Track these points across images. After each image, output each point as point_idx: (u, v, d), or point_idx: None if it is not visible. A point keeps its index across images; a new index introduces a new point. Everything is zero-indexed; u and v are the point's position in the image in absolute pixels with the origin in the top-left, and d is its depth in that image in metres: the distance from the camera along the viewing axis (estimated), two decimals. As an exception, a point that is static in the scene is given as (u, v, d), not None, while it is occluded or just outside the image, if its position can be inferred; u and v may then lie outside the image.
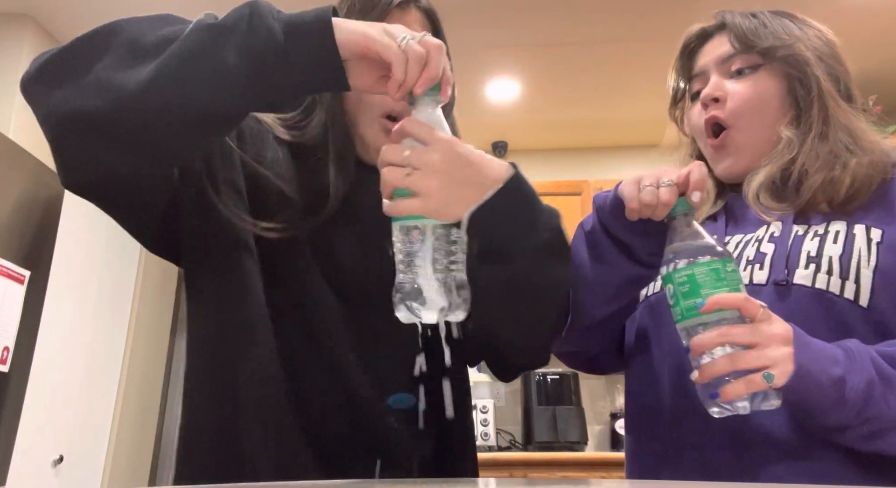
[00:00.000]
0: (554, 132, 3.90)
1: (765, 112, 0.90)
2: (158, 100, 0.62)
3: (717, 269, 0.70)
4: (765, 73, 0.90)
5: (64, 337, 2.96)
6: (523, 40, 3.03)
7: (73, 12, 2.78)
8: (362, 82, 0.68)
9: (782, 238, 0.83)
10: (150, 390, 3.86)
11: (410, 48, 0.63)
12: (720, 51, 0.93)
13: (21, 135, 2.70)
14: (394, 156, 0.65)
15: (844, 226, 0.80)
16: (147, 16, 0.70)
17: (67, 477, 2.98)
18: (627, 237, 0.79)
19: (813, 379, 0.67)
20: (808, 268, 0.78)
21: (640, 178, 0.76)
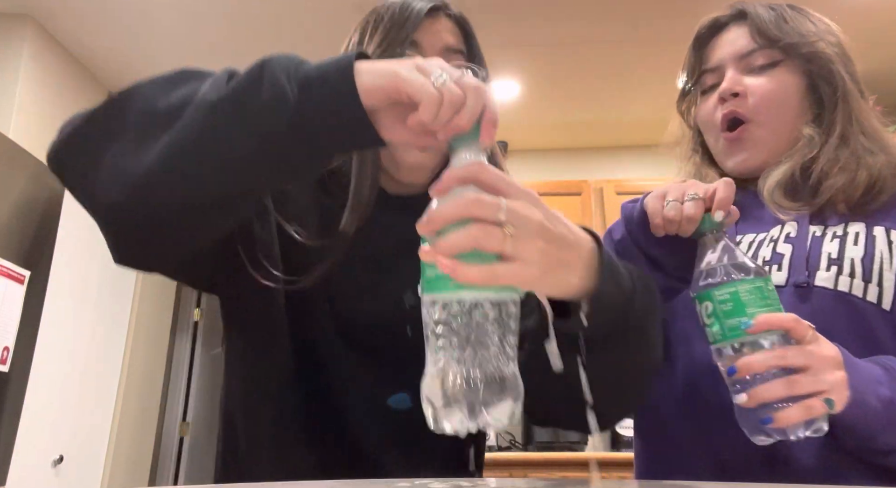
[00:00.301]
0: (554, 132, 3.90)
1: (786, 109, 0.87)
2: (168, 188, 0.58)
3: (761, 288, 0.67)
4: (784, 69, 0.88)
5: (64, 337, 2.96)
6: (523, 40, 3.03)
7: (73, 12, 2.78)
8: (398, 134, 0.57)
9: (799, 239, 0.80)
10: (150, 390, 3.86)
11: (447, 88, 0.51)
12: (738, 45, 0.90)
13: (21, 135, 2.69)
14: (488, 211, 0.48)
15: (864, 228, 0.79)
16: (163, 76, 0.64)
17: (67, 477, 2.98)
18: (654, 251, 0.77)
19: (866, 403, 0.64)
20: (829, 270, 0.76)
21: (665, 192, 0.73)
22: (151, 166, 0.56)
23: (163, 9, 2.76)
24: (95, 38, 2.97)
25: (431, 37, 0.85)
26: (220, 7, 2.75)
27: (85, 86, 3.19)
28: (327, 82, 0.55)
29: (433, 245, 0.48)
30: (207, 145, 0.56)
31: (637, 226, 0.77)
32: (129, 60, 3.14)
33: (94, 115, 0.62)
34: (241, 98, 0.56)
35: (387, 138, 0.57)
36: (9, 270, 2.35)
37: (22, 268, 2.42)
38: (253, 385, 0.81)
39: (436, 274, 0.48)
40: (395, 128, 0.56)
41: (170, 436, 4.68)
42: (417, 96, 0.52)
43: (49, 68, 2.92)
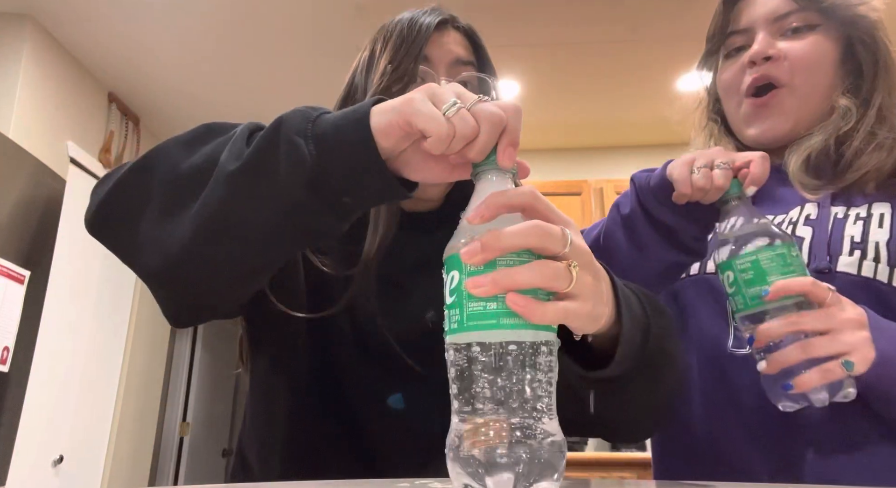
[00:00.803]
0: (554, 132, 3.90)
1: (821, 76, 0.82)
2: (202, 259, 0.58)
3: (784, 254, 0.66)
4: (821, 33, 0.81)
5: (64, 337, 2.96)
6: (523, 40, 3.03)
7: (73, 12, 2.78)
8: (429, 173, 0.54)
9: (820, 221, 0.76)
10: (150, 390, 3.86)
11: (458, 118, 0.48)
12: (773, 4, 0.83)
13: (21, 135, 2.69)
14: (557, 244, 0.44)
15: (889, 209, 0.74)
16: (186, 135, 0.64)
17: (67, 477, 2.98)
18: (672, 220, 0.74)
19: (893, 363, 0.62)
20: (852, 254, 0.72)
21: (692, 160, 0.71)
22: (184, 241, 0.57)
23: (163, 9, 2.75)
24: (95, 38, 2.96)
25: (441, 50, 0.85)
26: (220, 7, 2.75)
27: (85, 86, 3.19)
28: (343, 136, 0.52)
29: (483, 277, 0.41)
30: (231, 221, 0.55)
31: (654, 195, 0.74)
32: (129, 60, 3.13)
33: (121, 181, 0.63)
34: (259, 168, 0.54)
35: (417, 178, 0.55)
36: (9, 270, 2.35)
37: (22, 268, 2.42)
38: (272, 402, 0.82)
39: (480, 310, 0.41)
40: (426, 167, 0.53)
41: (170, 436, 4.68)
42: (427, 129, 0.48)
43: (49, 68, 2.92)
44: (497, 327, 0.41)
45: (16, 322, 2.39)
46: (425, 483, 0.56)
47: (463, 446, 0.41)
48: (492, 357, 0.41)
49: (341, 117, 0.54)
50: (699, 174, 0.69)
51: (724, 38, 0.88)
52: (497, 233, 0.42)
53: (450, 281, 0.44)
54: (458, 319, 0.43)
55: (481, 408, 0.41)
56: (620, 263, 0.77)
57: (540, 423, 0.42)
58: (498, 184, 0.47)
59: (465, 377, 0.42)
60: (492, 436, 0.41)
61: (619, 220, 0.79)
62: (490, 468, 0.40)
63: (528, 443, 0.41)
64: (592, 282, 0.47)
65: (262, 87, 3.39)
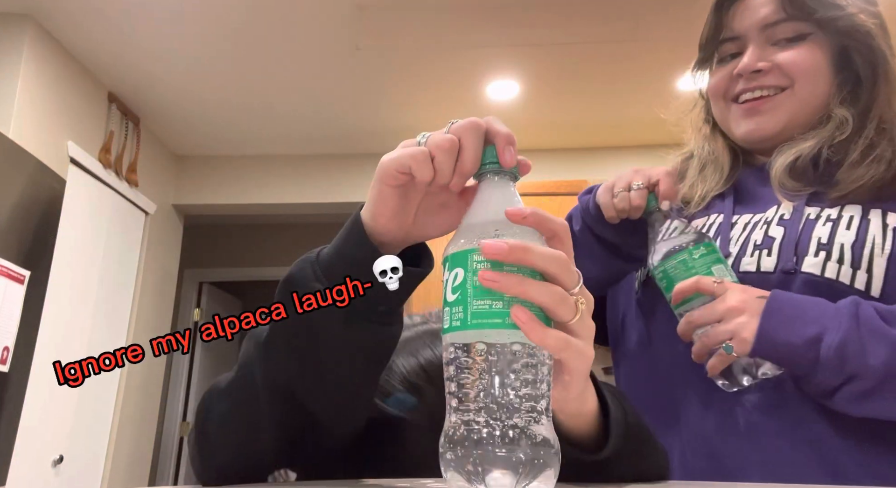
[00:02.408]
0: (554, 132, 3.90)
1: (819, 83, 0.81)
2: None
3: (685, 260, 0.74)
4: (813, 43, 0.81)
5: (64, 337, 2.96)
6: (523, 40, 3.03)
7: (73, 12, 2.78)
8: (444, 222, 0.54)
9: (792, 221, 0.77)
10: (150, 390, 3.86)
11: (431, 141, 0.48)
12: (763, 13, 0.82)
13: (21, 135, 2.69)
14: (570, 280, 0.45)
15: (859, 211, 0.75)
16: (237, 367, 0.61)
17: (67, 477, 2.98)
18: (614, 237, 0.83)
19: (780, 342, 0.67)
20: (817, 255, 0.73)
21: (612, 185, 0.79)
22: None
23: (163, 9, 2.75)
24: (95, 38, 2.96)
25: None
26: (220, 7, 2.75)
27: (85, 86, 3.19)
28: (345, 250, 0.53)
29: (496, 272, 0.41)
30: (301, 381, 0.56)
31: (593, 218, 0.82)
32: (129, 60, 3.13)
33: (192, 436, 0.66)
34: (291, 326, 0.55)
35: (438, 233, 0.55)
36: (9, 270, 2.35)
37: (22, 268, 2.42)
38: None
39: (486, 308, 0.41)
40: (440, 219, 0.54)
41: (170, 436, 4.68)
42: (406, 163, 0.48)
43: (49, 68, 2.92)
44: (502, 326, 0.41)
45: (16, 322, 2.39)
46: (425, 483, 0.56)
47: (460, 446, 0.41)
48: (495, 356, 0.41)
49: (338, 237, 0.54)
50: (618, 198, 0.78)
51: (716, 45, 0.88)
52: (527, 246, 0.42)
53: (452, 278, 0.44)
54: (462, 317, 0.42)
55: (480, 408, 0.41)
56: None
57: (538, 425, 0.41)
58: (500, 185, 0.47)
59: (465, 376, 0.42)
60: (489, 436, 0.40)
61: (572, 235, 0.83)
62: (487, 468, 0.40)
63: (525, 444, 0.40)
64: (591, 327, 0.46)
65: (263, 87, 3.39)
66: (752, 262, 0.77)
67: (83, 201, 3.12)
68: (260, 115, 3.68)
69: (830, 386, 0.67)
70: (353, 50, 3.04)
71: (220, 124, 3.78)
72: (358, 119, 3.73)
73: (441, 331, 0.44)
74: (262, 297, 5.94)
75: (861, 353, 0.64)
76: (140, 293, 3.64)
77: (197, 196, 4.14)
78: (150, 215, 3.75)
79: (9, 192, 2.38)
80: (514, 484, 0.40)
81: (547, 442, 0.41)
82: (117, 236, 3.41)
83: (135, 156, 3.57)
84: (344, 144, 4.03)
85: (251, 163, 4.16)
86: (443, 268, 0.45)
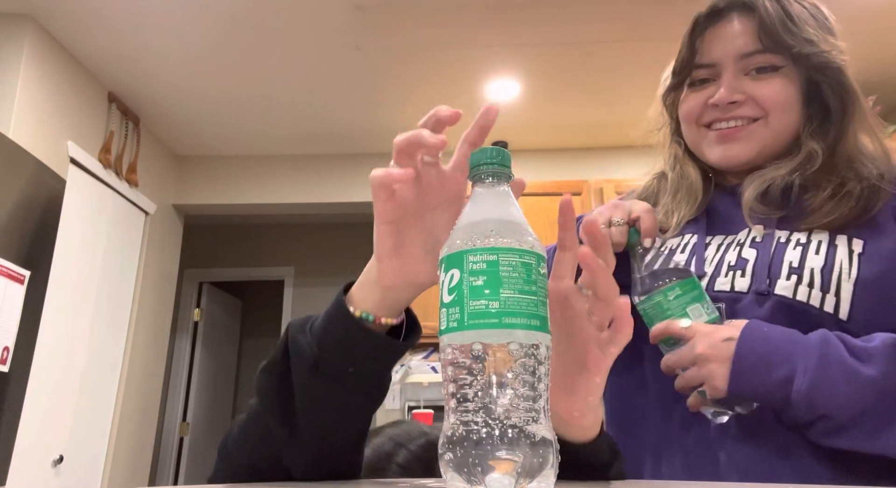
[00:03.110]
0: (554, 132, 3.90)
1: (791, 115, 0.84)
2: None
3: (660, 302, 0.77)
4: (786, 76, 0.83)
5: (64, 337, 2.96)
6: (523, 40, 3.03)
7: (73, 12, 2.78)
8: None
9: (764, 244, 0.80)
10: (150, 390, 3.86)
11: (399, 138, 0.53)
12: (739, 42, 0.84)
13: (21, 135, 2.70)
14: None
15: (827, 237, 0.78)
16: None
17: (67, 477, 2.98)
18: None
19: (751, 387, 0.70)
20: (789, 279, 0.76)
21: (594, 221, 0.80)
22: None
23: (162, 9, 2.75)
24: (95, 38, 2.97)
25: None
26: (220, 7, 2.75)
27: (85, 86, 3.19)
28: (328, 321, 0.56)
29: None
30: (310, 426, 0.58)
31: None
32: (129, 60, 3.13)
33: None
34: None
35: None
36: (9, 270, 2.35)
37: (22, 268, 2.42)
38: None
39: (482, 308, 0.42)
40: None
41: (170, 436, 4.68)
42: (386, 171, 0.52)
43: (49, 68, 2.92)
44: (499, 326, 0.41)
45: (16, 322, 2.39)
46: (425, 483, 0.56)
47: (459, 446, 0.41)
48: (493, 356, 0.41)
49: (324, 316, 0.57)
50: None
51: (689, 71, 0.89)
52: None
53: (449, 279, 0.44)
54: (459, 318, 0.42)
55: (479, 408, 0.41)
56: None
57: (537, 424, 0.41)
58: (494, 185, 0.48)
59: (463, 376, 0.42)
60: (488, 437, 0.40)
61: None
62: (487, 468, 0.40)
63: (525, 444, 0.40)
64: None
65: (263, 87, 3.39)
66: (727, 282, 0.80)
67: (83, 201, 3.12)
68: (260, 115, 3.68)
69: (804, 421, 0.70)
70: (353, 50, 3.04)
71: (220, 124, 3.78)
72: (358, 119, 3.73)
73: (438, 333, 0.44)
74: (262, 297, 5.96)
75: (830, 395, 0.66)
76: (140, 293, 3.64)
77: (197, 196, 4.14)
78: (150, 215, 3.75)
79: (9, 192, 2.38)
80: (513, 483, 0.40)
81: (546, 442, 0.41)
82: (117, 236, 3.41)
83: (135, 156, 3.58)
84: (344, 144, 4.03)
85: (251, 163, 4.16)
86: (439, 269, 0.45)
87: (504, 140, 3.92)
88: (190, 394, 4.87)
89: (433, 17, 2.81)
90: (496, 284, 0.42)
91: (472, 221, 0.45)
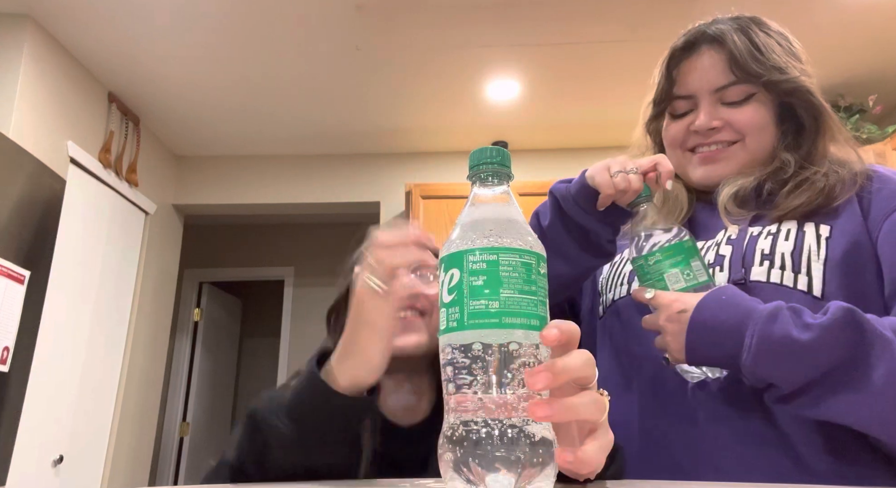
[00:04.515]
0: (554, 132, 3.90)
1: (767, 136, 0.91)
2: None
3: (642, 266, 0.83)
4: (759, 102, 0.90)
5: (64, 337, 2.96)
6: (523, 40, 3.03)
7: (73, 12, 2.78)
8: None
9: (738, 240, 0.86)
10: (150, 390, 3.86)
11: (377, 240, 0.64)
12: (712, 75, 0.91)
13: (21, 135, 2.69)
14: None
15: (795, 225, 0.84)
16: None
17: (67, 477, 2.98)
18: (591, 224, 0.86)
19: (705, 357, 0.75)
20: (762, 265, 0.82)
21: (608, 166, 0.83)
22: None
23: (162, 9, 2.75)
24: (95, 38, 2.96)
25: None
26: (220, 7, 2.75)
27: (85, 86, 3.19)
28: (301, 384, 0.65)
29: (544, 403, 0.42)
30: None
31: (574, 201, 0.85)
32: (129, 60, 3.13)
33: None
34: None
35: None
36: (9, 270, 2.35)
37: (22, 268, 2.42)
38: None
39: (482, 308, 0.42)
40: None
41: (170, 436, 4.68)
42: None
43: (49, 68, 2.92)
44: (499, 326, 0.41)
45: (16, 322, 2.39)
46: (425, 483, 0.56)
47: (459, 446, 0.41)
48: (492, 355, 0.41)
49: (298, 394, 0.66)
50: (618, 178, 0.81)
51: (669, 101, 0.96)
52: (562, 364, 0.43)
53: (448, 279, 0.44)
54: (458, 318, 0.42)
55: (478, 408, 0.41)
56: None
57: (536, 424, 0.41)
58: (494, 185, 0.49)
59: (463, 376, 0.41)
60: (488, 437, 0.40)
61: (539, 230, 0.89)
62: (486, 469, 0.40)
63: (524, 443, 0.40)
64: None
65: (263, 87, 3.39)
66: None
67: (83, 201, 3.12)
68: (260, 115, 3.68)
69: (758, 387, 0.75)
70: (353, 50, 3.04)
71: (220, 124, 3.78)
72: (358, 119, 3.73)
73: (437, 333, 0.44)
74: (262, 297, 5.94)
75: (773, 368, 0.71)
76: (140, 293, 3.64)
77: (197, 196, 4.14)
78: (150, 215, 3.75)
79: (9, 192, 2.38)
80: (513, 483, 0.40)
81: (545, 442, 0.41)
82: (117, 236, 3.41)
83: (135, 156, 3.58)
84: (344, 144, 4.03)
85: (251, 163, 4.16)
86: (438, 269, 0.45)
87: (504, 140, 3.92)
88: (190, 394, 4.87)
89: (433, 17, 2.81)
90: (496, 284, 0.42)
91: (472, 221, 0.45)
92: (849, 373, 0.68)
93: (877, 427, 0.70)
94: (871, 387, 0.67)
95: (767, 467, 0.76)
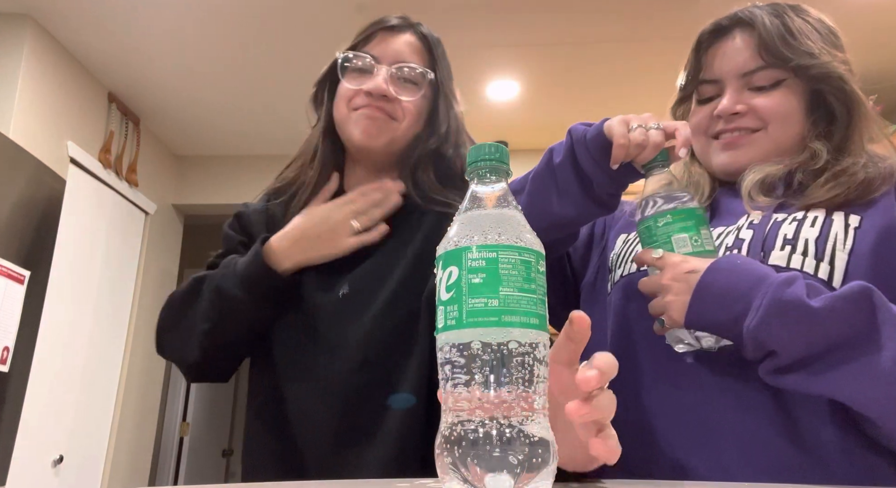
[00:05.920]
0: (554, 132, 3.89)
1: (793, 125, 0.87)
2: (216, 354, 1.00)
3: (649, 227, 0.79)
4: (788, 88, 0.87)
5: (64, 337, 2.96)
6: (523, 40, 3.03)
7: (73, 12, 2.78)
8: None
9: (761, 225, 0.82)
10: (150, 390, 3.86)
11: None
12: (741, 60, 0.88)
13: (21, 135, 2.70)
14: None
15: (823, 213, 0.80)
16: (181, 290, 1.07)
17: (67, 477, 2.98)
18: (596, 172, 0.81)
19: (707, 319, 0.71)
20: (783, 249, 0.78)
21: (628, 119, 0.78)
22: (202, 344, 0.98)
23: (163, 9, 2.76)
24: (95, 38, 2.97)
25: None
26: (220, 7, 2.75)
27: (85, 86, 3.19)
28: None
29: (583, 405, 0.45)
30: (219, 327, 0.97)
31: (586, 146, 0.80)
32: (129, 60, 3.13)
33: (163, 318, 1.06)
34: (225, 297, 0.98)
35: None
36: (9, 270, 2.35)
37: (22, 268, 2.42)
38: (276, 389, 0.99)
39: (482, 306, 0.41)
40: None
41: (170, 436, 4.68)
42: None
43: (49, 68, 2.92)
44: (498, 324, 0.41)
45: (16, 322, 2.39)
46: (424, 483, 0.56)
47: (457, 446, 0.40)
48: (492, 354, 0.40)
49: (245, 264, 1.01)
50: (637, 132, 0.76)
51: (696, 85, 0.93)
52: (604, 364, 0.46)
53: (447, 277, 0.43)
54: (457, 316, 0.42)
55: (476, 407, 0.40)
56: (537, 204, 0.84)
57: (535, 424, 0.41)
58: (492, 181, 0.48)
59: (461, 375, 0.41)
60: (486, 437, 0.40)
61: (550, 165, 0.85)
62: (485, 469, 0.39)
63: (523, 444, 0.40)
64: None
65: (263, 87, 3.39)
66: None
67: (83, 201, 3.12)
68: (260, 115, 3.68)
69: (755, 357, 0.71)
70: (353, 50, 3.04)
71: (220, 124, 3.78)
72: (358, 119, 3.73)
73: (435, 332, 0.44)
74: (263, 297, 5.93)
75: (778, 333, 0.67)
76: (140, 293, 3.64)
77: (197, 196, 4.14)
78: (150, 215, 3.75)
79: (9, 192, 2.38)
80: (511, 484, 0.39)
81: (544, 442, 0.41)
82: (117, 236, 3.41)
83: (135, 157, 3.58)
84: (344, 144, 4.03)
85: (251, 163, 4.16)
86: (436, 266, 0.45)
87: (504, 140, 3.92)
88: (190, 394, 4.87)
89: (433, 17, 2.81)
90: (495, 282, 0.42)
91: (471, 218, 0.45)
92: (856, 349, 0.65)
93: (876, 409, 0.67)
94: (878, 368, 0.65)
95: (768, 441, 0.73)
